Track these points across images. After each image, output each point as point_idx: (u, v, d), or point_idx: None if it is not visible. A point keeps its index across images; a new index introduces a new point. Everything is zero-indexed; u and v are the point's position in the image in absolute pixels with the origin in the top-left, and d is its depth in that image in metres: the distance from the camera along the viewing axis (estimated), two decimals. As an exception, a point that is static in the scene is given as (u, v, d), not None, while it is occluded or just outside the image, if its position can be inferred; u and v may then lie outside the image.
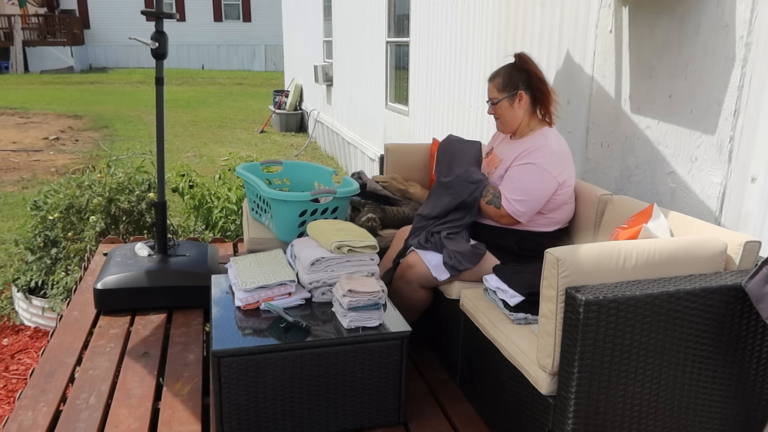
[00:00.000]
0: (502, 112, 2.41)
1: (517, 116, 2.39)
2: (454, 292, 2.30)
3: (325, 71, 9.29)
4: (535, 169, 2.27)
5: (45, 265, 3.83)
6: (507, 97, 2.37)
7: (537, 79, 2.35)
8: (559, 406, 1.67)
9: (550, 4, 3.14)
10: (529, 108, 2.38)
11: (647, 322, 1.61)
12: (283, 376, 1.90)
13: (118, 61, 24.78)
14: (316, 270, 2.15)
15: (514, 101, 2.37)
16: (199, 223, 4.41)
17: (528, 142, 2.36)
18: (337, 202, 2.69)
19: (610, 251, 1.67)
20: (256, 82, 20.47)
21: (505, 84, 2.37)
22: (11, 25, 20.65)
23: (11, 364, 3.37)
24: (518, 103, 2.37)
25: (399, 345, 1.99)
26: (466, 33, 4.26)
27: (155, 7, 2.79)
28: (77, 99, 14.81)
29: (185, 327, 2.66)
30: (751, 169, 2.05)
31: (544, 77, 2.38)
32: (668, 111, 2.38)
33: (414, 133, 5.55)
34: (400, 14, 6.01)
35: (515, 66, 2.38)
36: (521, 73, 2.36)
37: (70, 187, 4.02)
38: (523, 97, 2.36)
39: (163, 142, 2.94)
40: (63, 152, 8.94)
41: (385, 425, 2.06)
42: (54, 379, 2.24)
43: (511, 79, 2.36)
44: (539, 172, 2.27)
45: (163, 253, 2.98)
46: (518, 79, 2.35)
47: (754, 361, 1.79)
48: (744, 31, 2.03)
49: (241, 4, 25.51)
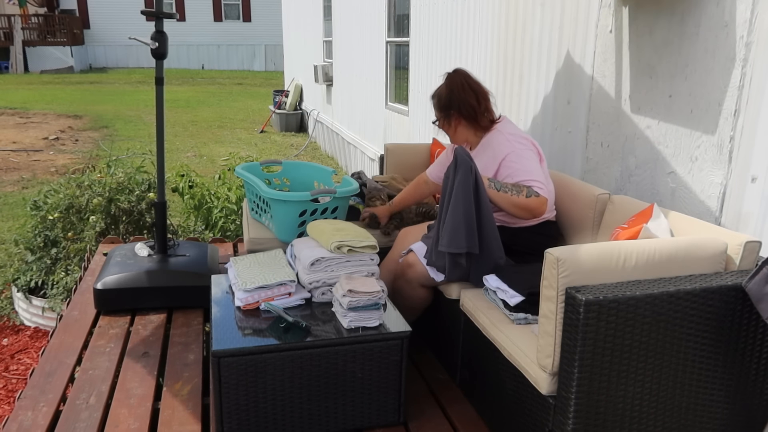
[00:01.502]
0: (444, 129, 2.53)
1: (459, 133, 2.50)
2: (454, 292, 2.30)
3: (325, 71, 9.29)
4: (517, 155, 2.30)
5: (45, 265, 3.83)
6: (442, 118, 2.49)
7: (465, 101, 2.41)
8: (560, 407, 1.67)
9: (550, 4, 3.14)
10: (468, 125, 2.46)
11: (647, 323, 1.61)
12: (283, 376, 1.90)
13: (118, 61, 24.78)
14: (316, 270, 2.15)
15: (450, 121, 2.48)
16: (199, 223, 4.41)
17: (488, 149, 2.41)
18: (337, 202, 2.69)
19: (611, 251, 1.67)
20: (256, 82, 20.47)
21: (440, 106, 2.49)
22: (11, 25, 20.65)
23: (11, 364, 3.37)
24: (456, 122, 2.47)
25: (399, 345, 1.99)
26: (466, 33, 4.26)
27: (155, 7, 2.78)
28: (77, 99, 14.81)
29: (185, 327, 2.66)
30: (751, 169, 2.05)
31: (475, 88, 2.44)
32: (668, 111, 2.38)
33: (414, 133, 5.55)
34: (400, 14, 6.01)
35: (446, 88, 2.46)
36: (450, 96, 2.44)
37: (70, 187, 4.02)
38: (456, 116, 2.45)
39: (163, 142, 2.94)
40: (63, 152, 8.94)
41: (385, 425, 2.06)
42: (54, 379, 2.24)
43: (440, 101, 2.48)
44: (522, 154, 2.31)
45: (163, 253, 2.98)
46: (448, 102, 2.44)
47: (754, 362, 1.79)
48: (744, 30, 2.03)
49: (241, 4, 25.51)
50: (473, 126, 2.47)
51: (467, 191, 2.11)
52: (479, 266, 2.19)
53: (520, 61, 3.49)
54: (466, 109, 2.43)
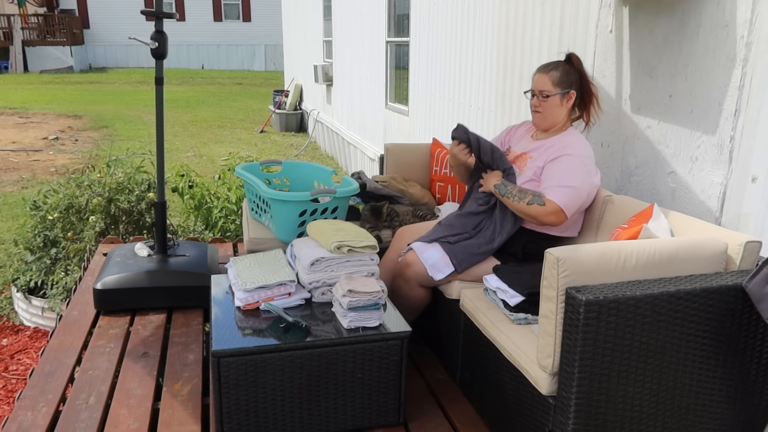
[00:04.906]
0: (548, 107, 2.34)
1: (561, 114, 2.36)
2: (454, 292, 2.29)
3: (325, 71, 9.29)
4: (574, 160, 2.25)
5: (44, 265, 3.83)
6: (559, 94, 2.32)
7: (587, 82, 2.36)
8: (560, 407, 1.67)
9: (550, 4, 3.14)
10: (571, 109, 2.37)
11: (648, 323, 1.60)
12: (283, 376, 1.90)
13: (118, 61, 24.77)
14: (316, 270, 2.14)
15: (564, 99, 2.34)
16: (199, 223, 4.41)
17: (557, 142, 2.34)
18: (337, 202, 2.69)
19: (611, 251, 1.67)
20: (255, 82, 20.47)
21: (561, 80, 2.32)
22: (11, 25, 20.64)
23: (11, 364, 3.37)
24: (567, 102, 2.35)
25: (399, 345, 1.99)
26: (466, 33, 4.26)
27: (155, 6, 2.78)
28: (77, 99, 14.81)
29: (185, 327, 2.66)
30: (751, 169, 2.05)
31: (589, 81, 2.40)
32: (668, 111, 2.38)
33: (414, 133, 5.55)
34: (400, 14, 6.01)
35: (571, 65, 2.36)
36: (575, 74, 2.34)
37: (69, 187, 4.02)
38: (572, 97, 2.34)
39: (163, 141, 2.94)
40: (62, 152, 8.94)
41: (385, 425, 2.06)
42: (53, 379, 2.23)
43: (568, 76, 2.33)
44: (579, 163, 2.25)
45: (162, 253, 2.98)
46: (573, 79, 2.34)
47: (754, 362, 1.78)
48: (744, 30, 2.03)
49: (241, 4, 25.50)
50: (572, 113, 2.38)
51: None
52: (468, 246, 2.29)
53: (520, 61, 3.49)
54: (586, 90, 2.35)
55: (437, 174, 3.31)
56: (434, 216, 2.99)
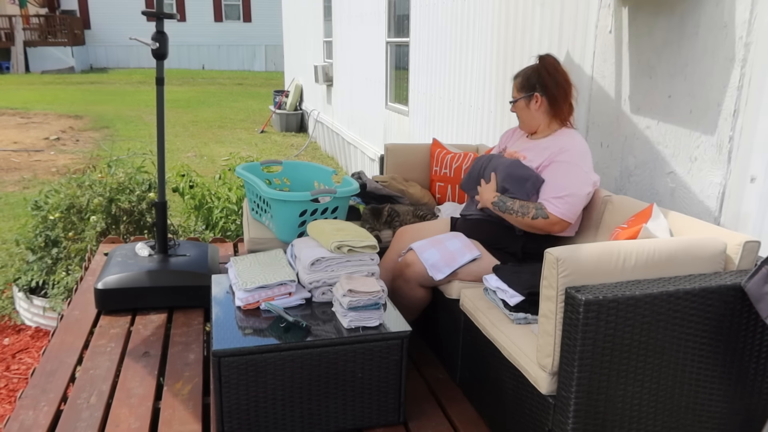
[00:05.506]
0: (519, 111, 2.45)
1: (534, 117, 2.41)
2: (454, 292, 2.30)
3: (325, 71, 9.30)
4: (569, 167, 2.26)
5: (46, 264, 3.84)
6: (523, 98, 2.40)
7: (554, 83, 2.35)
8: (559, 406, 1.67)
9: (550, 4, 3.14)
10: (548, 110, 2.38)
11: (647, 322, 1.61)
12: (284, 376, 1.90)
13: (119, 62, 24.80)
14: (316, 270, 2.15)
15: (530, 102, 2.39)
16: (200, 223, 4.41)
17: (552, 143, 2.34)
18: (337, 202, 2.69)
19: (610, 251, 1.67)
20: (256, 82, 20.48)
21: (522, 85, 2.40)
22: (12, 26, 20.67)
23: (12, 363, 3.38)
24: (534, 105, 2.38)
25: (399, 345, 1.99)
26: (466, 33, 4.26)
27: (156, 7, 2.79)
28: (78, 99, 14.82)
29: (186, 327, 2.66)
30: (750, 169, 2.06)
31: (563, 74, 2.38)
32: (668, 111, 2.39)
33: (414, 133, 5.55)
34: (400, 14, 6.01)
35: (535, 68, 2.39)
36: (539, 76, 2.36)
37: (70, 187, 4.02)
38: (539, 99, 2.36)
39: (164, 142, 2.94)
40: (64, 152, 8.95)
41: (385, 425, 2.06)
42: (55, 378, 2.24)
43: (529, 81, 2.38)
44: (574, 170, 2.26)
45: (163, 253, 2.99)
46: (535, 81, 2.37)
47: (753, 361, 1.79)
48: (743, 31, 2.03)
49: (242, 5, 25.53)
50: (552, 113, 2.38)
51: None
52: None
53: (520, 62, 3.49)
54: (551, 91, 2.35)
55: (437, 174, 3.32)
56: (434, 216, 3.00)
